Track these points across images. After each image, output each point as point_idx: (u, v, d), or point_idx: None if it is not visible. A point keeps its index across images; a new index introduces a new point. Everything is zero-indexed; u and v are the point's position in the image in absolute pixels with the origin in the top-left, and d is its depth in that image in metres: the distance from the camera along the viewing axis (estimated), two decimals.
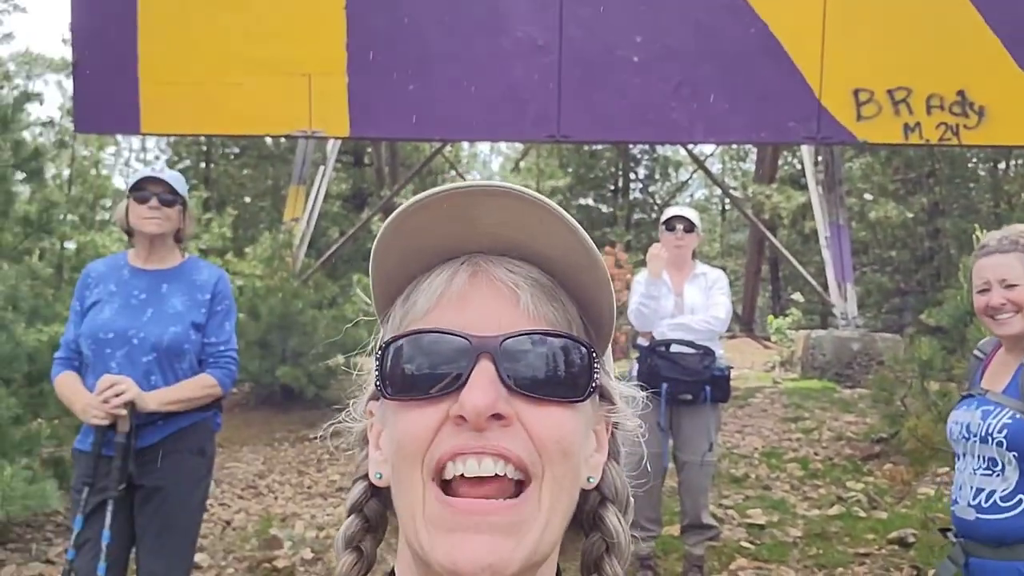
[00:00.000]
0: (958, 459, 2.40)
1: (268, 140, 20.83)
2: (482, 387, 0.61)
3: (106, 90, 8.80)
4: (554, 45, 8.54)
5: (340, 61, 8.78)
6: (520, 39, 8.64)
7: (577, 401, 0.65)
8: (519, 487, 0.63)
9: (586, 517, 0.71)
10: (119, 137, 24.53)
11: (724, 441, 6.81)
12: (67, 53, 18.08)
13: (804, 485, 5.85)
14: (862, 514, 5.22)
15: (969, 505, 2.29)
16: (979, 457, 2.30)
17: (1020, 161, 19.13)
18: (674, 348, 4.09)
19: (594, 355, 0.66)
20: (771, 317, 12.97)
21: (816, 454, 6.53)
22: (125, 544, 2.89)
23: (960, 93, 8.20)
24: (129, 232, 3.02)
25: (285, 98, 8.82)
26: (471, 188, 0.63)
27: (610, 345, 0.73)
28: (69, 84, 15.45)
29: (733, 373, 4.67)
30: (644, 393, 0.75)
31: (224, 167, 23.75)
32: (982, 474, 2.28)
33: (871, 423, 6.84)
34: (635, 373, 4.18)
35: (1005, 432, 2.21)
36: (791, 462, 6.34)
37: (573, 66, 8.53)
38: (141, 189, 2.94)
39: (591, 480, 0.70)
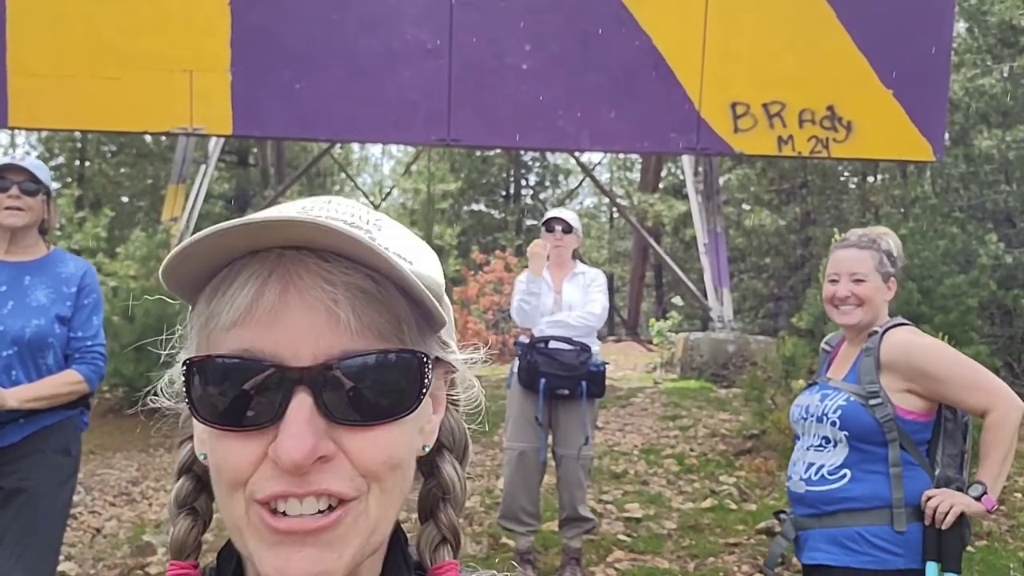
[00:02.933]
0: (797, 439, 2.57)
1: (148, 138, 20.05)
2: (298, 433, 0.56)
3: None
4: (444, 49, 8.58)
5: (223, 58, 8.57)
6: (409, 41, 8.64)
7: (408, 414, 0.62)
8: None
9: (422, 464, 0.70)
10: None
11: (605, 439, 6.98)
12: None
13: (680, 480, 6.06)
14: (733, 506, 5.45)
15: (800, 479, 2.46)
16: (814, 436, 2.47)
17: (886, 175, 20.33)
18: (552, 344, 4.19)
19: (425, 360, 0.62)
20: (653, 321, 13.37)
21: (692, 450, 6.77)
22: None
23: (830, 108, 8.69)
24: None
25: (165, 94, 8.54)
26: (263, 222, 0.56)
27: (450, 307, 0.70)
28: None
29: (617, 374, 4.82)
30: (480, 355, 0.75)
31: (100, 165, 22.71)
32: (815, 450, 2.46)
33: (744, 420, 7.15)
34: (516, 370, 4.27)
35: (839, 412, 2.38)
36: (668, 458, 6.55)
37: (463, 71, 8.59)
38: (2, 178, 2.82)
39: (426, 449, 0.68)
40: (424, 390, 0.62)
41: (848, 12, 8.52)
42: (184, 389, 0.61)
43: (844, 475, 2.37)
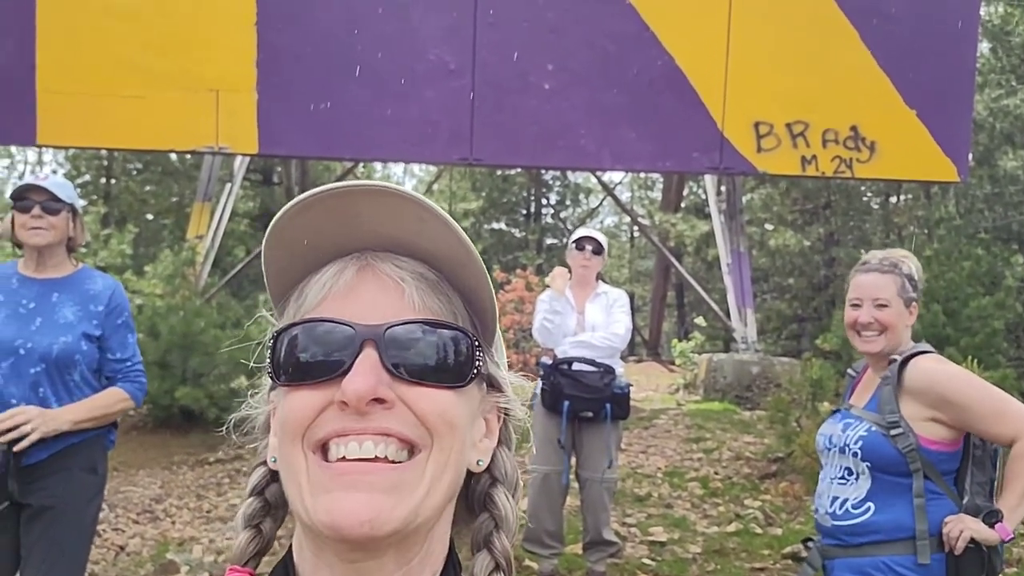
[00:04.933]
0: (822, 469, 2.54)
1: (173, 156, 20.28)
2: (363, 373, 0.64)
3: (2, 100, 8.44)
4: (467, 69, 8.62)
5: (249, 78, 8.66)
6: (432, 62, 8.69)
7: (459, 386, 0.69)
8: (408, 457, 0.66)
9: (477, 498, 0.75)
10: (13, 149, 23.51)
11: (628, 461, 6.93)
12: None
13: (704, 503, 5.99)
14: (758, 530, 5.38)
15: (826, 512, 2.43)
16: (837, 467, 2.44)
17: (909, 195, 20.18)
18: (575, 366, 4.16)
19: (476, 344, 0.70)
20: (675, 341, 13.29)
21: (716, 473, 6.70)
22: (9, 567, 2.77)
23: (853, 128, 8.64)
24: (18, 245, 2.91)
25: (191, 113, 8.63)
26: (348, 188, 0.67)
27: (500, 337, 0.78)
28: None
29: (639, 395, 4.79)
30: (533, 383, 0.80)
31: (126, 183, 22.98)
32: (838, 483, 2.43)
33: (768, 443, 7.07)
34: (538, 391, 4.24)
35: (860, 443, 2.35)
36: (692, 481, 6.49)
37: (485, 90, 8.63)
38: (23, 199, 2.85)
39: (480, 463, 0.73)
40: (474, 370, 0.70)
41: (871, 32, 8.48)
42: (269, 360, 0.70)
43: (868, 508, 2.35)
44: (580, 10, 8.69)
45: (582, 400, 4.10)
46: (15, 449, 2.64)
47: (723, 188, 11.36)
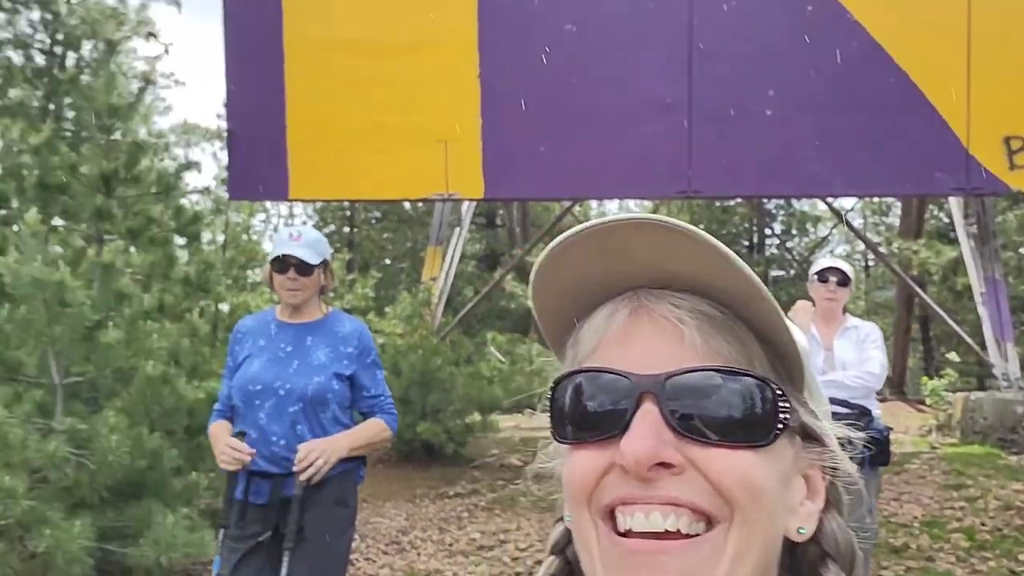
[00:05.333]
0: None
1: (407, 205, 21.60)
2: (642, 433, 0.57)
3: (257, 159, 9.36)
4: (683, 101, 8.52)
5: (475, 127, 9.05)
6: (648, 97, 8.68)
7: (761, 445, 0.59)
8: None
9: (804, 575, 0.65)
10: (268, 204, 26.05)
11: (880, 509, 6.41)
12: (221, 124, 19.46)
13: (971, 557, 5.41)
14: None
15: None
16: None
17: None
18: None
19: (779, 391, 0.60)
20: (925, 378, 12.24)
21: (983, 524, 6.04)
22: None
23: None
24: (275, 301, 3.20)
25: (423, 164, 9.13)
26: (612, 223, 0.60)
27: (816, 380, 0.67)
28: (223, 154, 16.60)
29: None
30: (861, 435, 0.69)
31: (367, 231, 24.78)
32: None
33: None
34: None
35: None
36: (955, 532, 5.88)
37: (703, 121, 8.48)
38: (281, 262, 3.07)
39: (802, 531, 0.63)
40: (780, 423, 0.60)
41: None
42: (548, 412, 0.65)
43: None
44: (802, 32, 8.35)
45: None
46: (311, 483, 2.86)
47: (971, 210, 10.41)
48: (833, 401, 3.86)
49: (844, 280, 4.12)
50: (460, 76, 9.05)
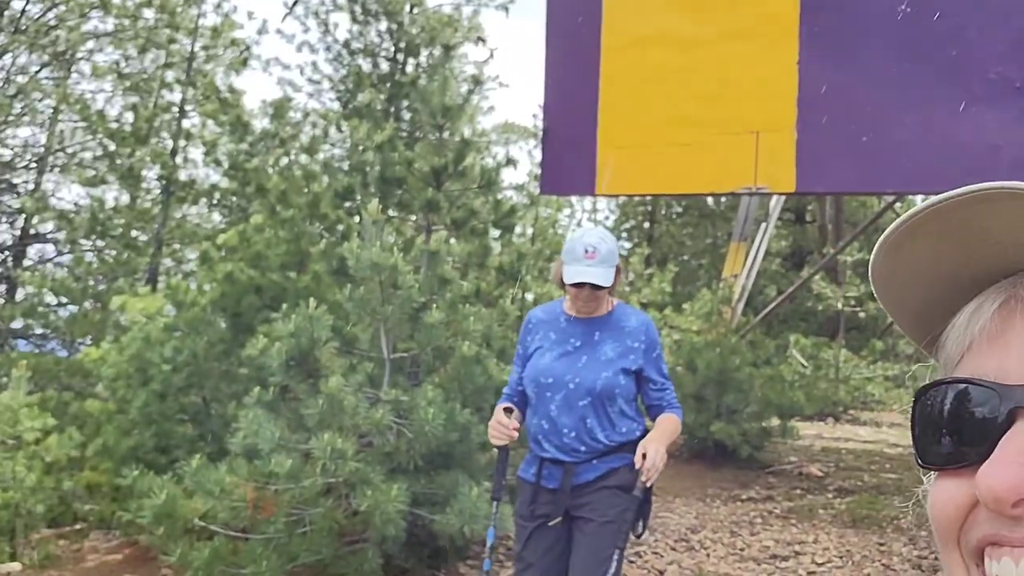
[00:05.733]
0: None
1: (710, 200, 21.23)
2: (1005, 460, 0.47)
3: (568, 155, 9.67)
4: None
5: (790, 117, 8.65)
6: (994, 81, 7.72)
7: None
8: None
9: None
10: (574, 199, 26.88)
11: None
12: (537, 123, 20.39)
13: None
14: None
15: None
16: None
17: None
18: None
19: None
20: None
21: None
22: (557, 565, 3.14)
23: None
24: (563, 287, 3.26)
25: (732, 156, 8.90)
26: (951, 200, 0.51)
27: None
28: (537, 152, 17.38)
29: None
30: None
31: (667, 226, 24.74)
32: None
33: None
34: None
35: None
36: None
37: None
38: (576, 282, 3.10)
39: None
40: None
41: None
42: (911, 431, 0.56)
43: None
44: None
45: None
46: (649, 485, 2.97)
47: None
48: None
49: None
50: (777, 63, 8.70)
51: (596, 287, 3.11)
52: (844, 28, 8.43)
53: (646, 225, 25.24)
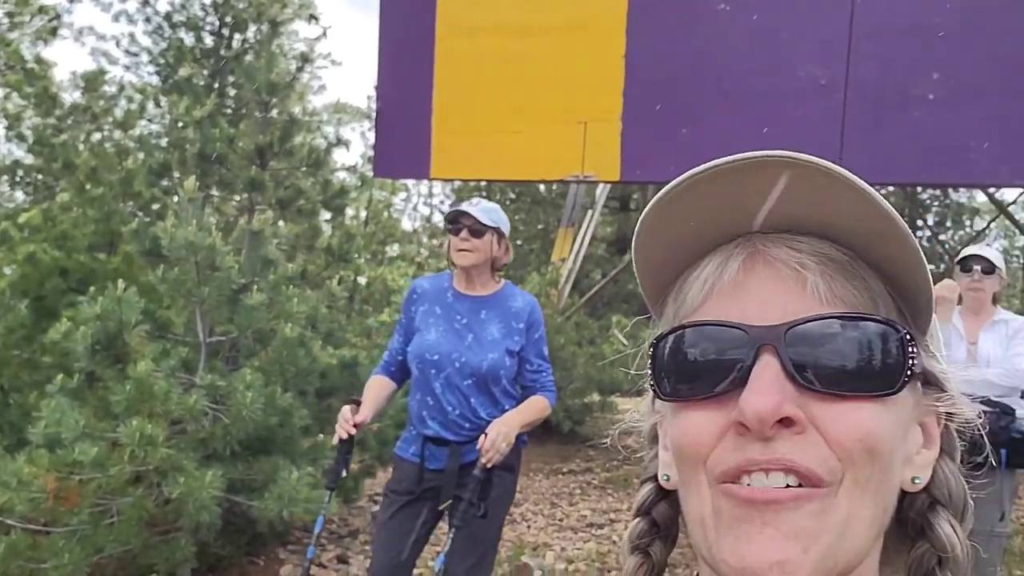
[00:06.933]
0: None
1: (541, 187, 21.70)
2: (764, 388, 0.53)
3: (402, 138, 9.61)
4: (839, 83, 8.13)
5: (616, 109, 8.96)
6: (802, 79, 8.33)
7: (887, 394, 0.55)
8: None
9: (912, 523, 0.62)
10: (410, 183, 26.76)
11: (1018, 516, 6.01)
12: (371, 104, 20.12)
13: None
14: None
15: None
16: None
17: None
18: None
19: (908, 337, 0.57)
20: None
21: None
22: (420, 545, 3.13)
23: None
24: (453, 264, 3.26)
25: (560, 145, 9.13)
26: (735, 163, 0.55)
27: (936, 323, 0.63)
28: (370, 134, 17.14)
29: None
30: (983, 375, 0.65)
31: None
32: None
33: None
34: None
35: None
36: None
37: (859, 105, 8.06)
38: (455, 222, 3.17)
39: (917, 481, 0.60)
40: (907, 372, 0.56)
41: None
42: (650, 371, 0.61)
43: None
44: (973, 13, 7.80)
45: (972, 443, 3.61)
46: (489, 466, 2.96)
47: None
48: (972, 398, 3.65)
49: (989, 268, 3.85)
50: (605, 56, 8.98)
51: (476, 228, 3.11)
52: (669, 23, 8.82)
53: None
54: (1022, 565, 5.12)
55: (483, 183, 22.48)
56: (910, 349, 0.57)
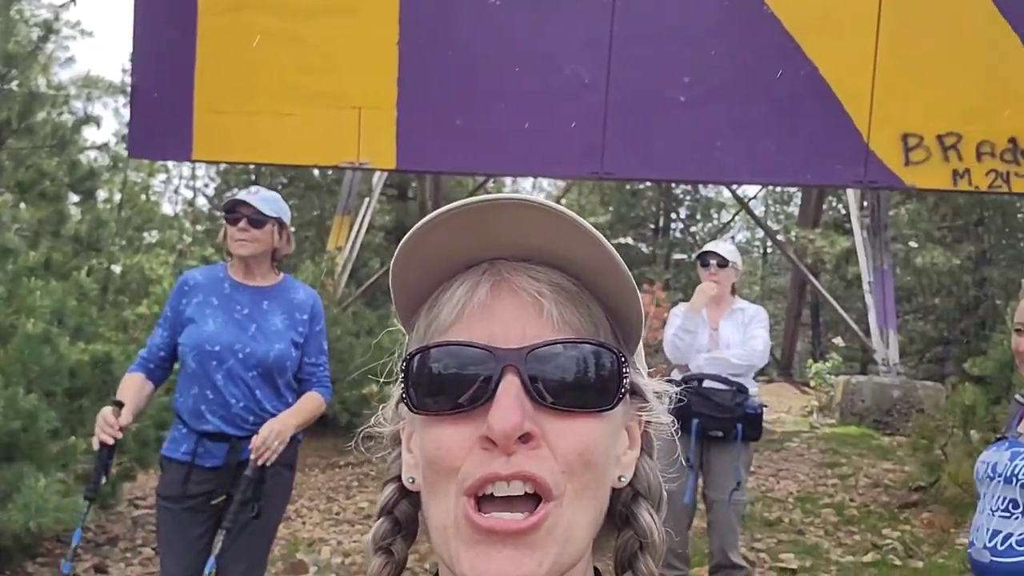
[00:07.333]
0: (980, 499, 2.35)
1: (315, 172, 21.20)
2: (509, 407, 0.60)
3: (161, 117, 9.04)
4: (601, 83, 8.61)
5: (390, 96, 8.93)
6: (568, 76, 8.73)
7: (606, 410, 0.64)
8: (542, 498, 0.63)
9: (618, 513, 0.70)
10: (170, 164, 25.16)
11: (758, 484, 6.71)
12: (126, 79, 18.69)
13: (839, 531, 5.72)
14: (897, 562, 5.09)
15: (985, 547, 2.24)
16: (1000, 498, 2.24)
17: None
18: (707, 383, 4.05)
19: (623, 359, 0.65)
20: (811, 361, 12.79)
21: (852, 500, 6.39)
22: (204, 556, 2.96)
23: (1012, 140, 8.08)
24: (229, 254, 3.11)
25: (335, 130, 8.98)
26: (485, 203, 0.63)
27: (642, 343, 0.73)
28: (125, 110, 15.94)
29: (771, 416, 4.62)
30: (675, 390, 0.76)
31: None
32: (1000, 516, 2.23)
33: (909, 471, 6.69)
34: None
35: None
36: (826, 507, 6.21)
37: (619, 104, 8.59)
38: (233, 211, 3.03)
39: (623, 479, 0.69)
40: (622, 389, 0.65)
41: None
42: (402, 386, 0.66)
43: None
44: (720, 22, 8.53)
45: (712, 419, 3.99)
46: (261, 464, 2.85)
47: (867, 203, 10.89)
48: (712, 377, 4.01)
49: (723, 262, 4.28)
50: (379, 43, 8.91)
51: (256, 218, 2.99)
52: (442, 14, 8.90)
53: None
54: (762, 529, 5.74)
55: (251, 166, 21.60)
56: (624, 369, 0.65)
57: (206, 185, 27.88)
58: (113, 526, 5.42)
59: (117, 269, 8.94)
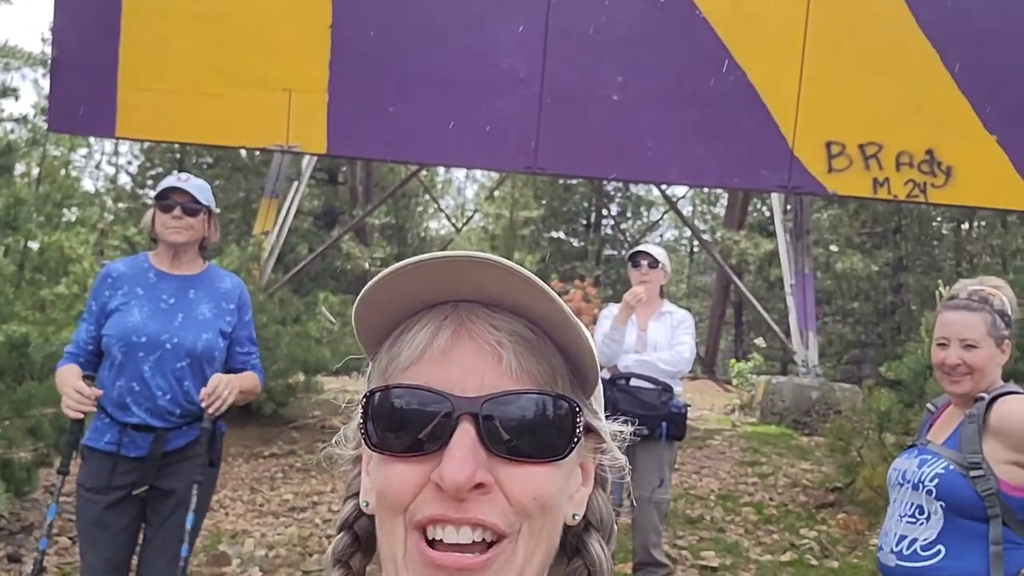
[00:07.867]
0: (890, 505, 2.43)
1: (243, 153, 20.71)
2: (462, 457, 0.61)
3: (83, 91, 8.71)
4: (536, 78, 8.62)
5: (322, 79, 8.79)
6: (503, 70, 8.71)
7: (559, 459, 0.65)
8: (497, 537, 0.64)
9: (569, 544, 0.72)
10: (92, 139, 24.27)
11: (681, 481, 6.82)
12: (46, 50, 17.94)
13: (758, 530, 5.86)
14: (814, 562, 5.24)
15: (892, 551, 2.31)
16: (908, 504, 2.31)
17: (983, 223, 19.58)
18: (633, 382, 4.10)
19: (577, 408, 0.66)
20: (733, 361, 13.10)
21: (771, 499, 6.56)
22: (130, 548, 2.95)
23: (929, 152, 8.39)
24: (155, 239, 3.06)
25: (264, 112, 8.79)
26: (456, 258, 0.64)
27: (600, 385, 0.74)
28: (45, 82, 15.29)
29: (693, 414, 4.70)
30: (630, 428, 0.76)
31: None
32: (907, 521, 2.30)
33: (826, 472, 6.89)
34: None
35: (936, 481, 2.23)
36: (746, 506, 6.36)
37: (554, 100, 8.62)
38: (165, 198, 2.98)
39: (576, 516, 0.71)
40: (576, 438, 0.66)
41: (953, 55, 8.24)
42: (361, 420, 0.67)
43: (939, 551, 2.21)
44: (653, 24, 8.63)
45: (637, 417, 4.03)
46: (216, 415, 2.86)
47: (790, 207, 11.16)
48: (641, 377, 4.03)
49: (654, 263, 4.33)
50: (311, 24, 8.74)
51: (191, 206, 2.96)
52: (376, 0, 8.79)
53: (174, 174, 23.80)
54: (684, 527, 5.83)
55: (177, 145, 20.99)
56: (578, 419, 0.66)
57: (129, 162, 26.96)
58: (28, 514, 5.21)
59: (35, 246, 8.59)
